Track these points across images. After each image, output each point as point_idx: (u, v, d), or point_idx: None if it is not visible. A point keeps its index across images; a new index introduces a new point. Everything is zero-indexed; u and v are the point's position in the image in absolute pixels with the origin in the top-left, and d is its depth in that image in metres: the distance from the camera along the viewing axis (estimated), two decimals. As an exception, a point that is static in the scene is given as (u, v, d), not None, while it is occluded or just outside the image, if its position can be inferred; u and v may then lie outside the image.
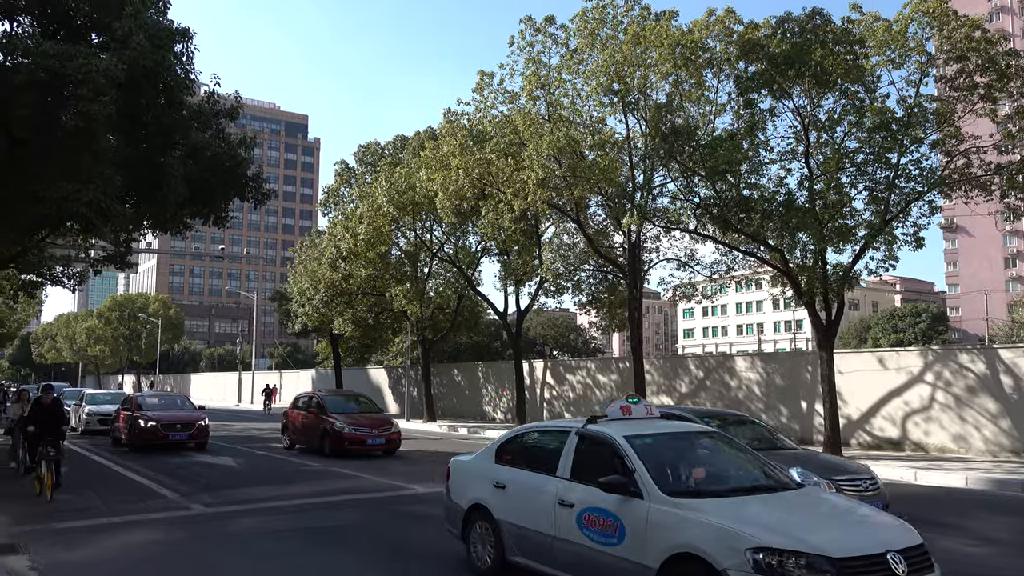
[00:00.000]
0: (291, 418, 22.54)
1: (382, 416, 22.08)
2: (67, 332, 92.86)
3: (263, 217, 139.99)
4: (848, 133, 19.56)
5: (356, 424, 20.11)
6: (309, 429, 21.06)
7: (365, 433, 19.90)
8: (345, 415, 20.55)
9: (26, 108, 11.93)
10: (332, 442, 19.71)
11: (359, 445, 19.71)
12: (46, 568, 8.36)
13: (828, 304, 19.98)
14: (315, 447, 20.60)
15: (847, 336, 78.32)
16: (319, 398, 21.93)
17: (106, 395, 32.32)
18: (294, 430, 22.18)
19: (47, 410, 13.78)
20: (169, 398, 25.06)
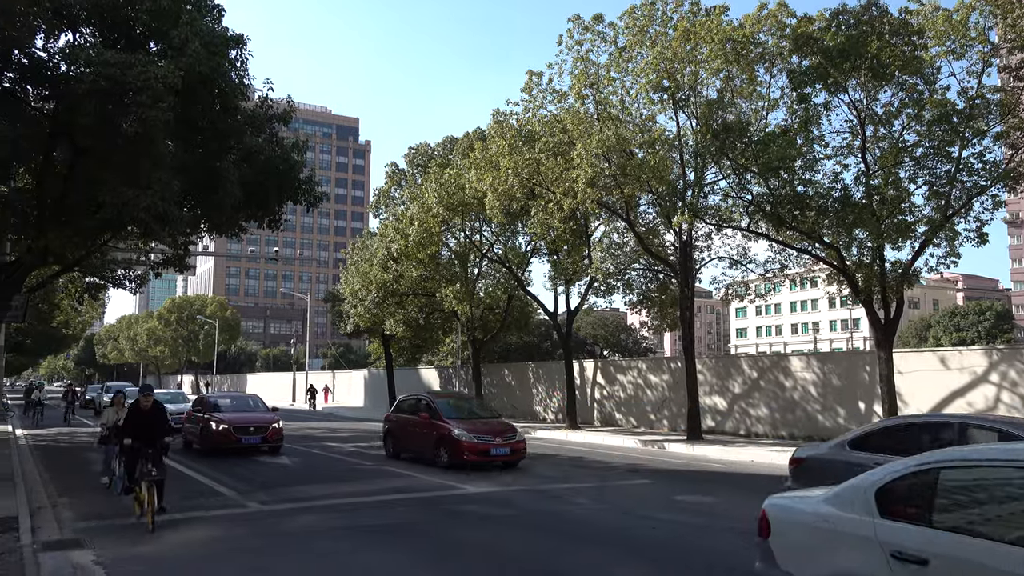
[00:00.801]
0: (394, 424, 20.01)
1: (503, 422, 19.07)
2: (129, 333, 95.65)
3: (316, 219, 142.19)
4: (907, 126, 19.05)
5: (476, 431, 17.30)
6: (418, 437, 18.53)
7: (488, 442, 17.08)
8: (461, 420, 17.85)
9: (89, 116, 12.30)
10: (450, 452, 17.04)
11: (481, 456, 16.92)
12: (110, 563, 8.60)
13: (887, 302, 19.49)
14: (426, 457, 17.93)
15: (907, 335, 76.33)
16: (428, 400, 19.21)
17: (166, 394, 32.98)
18: (398, 437, 19.67)
19: (147, 418, 11.30)
20: (241, 399, 23.62)
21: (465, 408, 19.45)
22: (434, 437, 17.63)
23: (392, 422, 20.21)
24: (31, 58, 13.08)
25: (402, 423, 19.57)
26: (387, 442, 20.25)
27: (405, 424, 19.38)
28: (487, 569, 8.59)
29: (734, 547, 9.51)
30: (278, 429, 20.88)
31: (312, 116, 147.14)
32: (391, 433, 20.05)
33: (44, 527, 10.35)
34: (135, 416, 11.38)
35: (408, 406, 19.92)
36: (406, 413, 19.68)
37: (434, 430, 17.72)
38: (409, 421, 19.21)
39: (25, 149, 13.70)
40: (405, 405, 20.21)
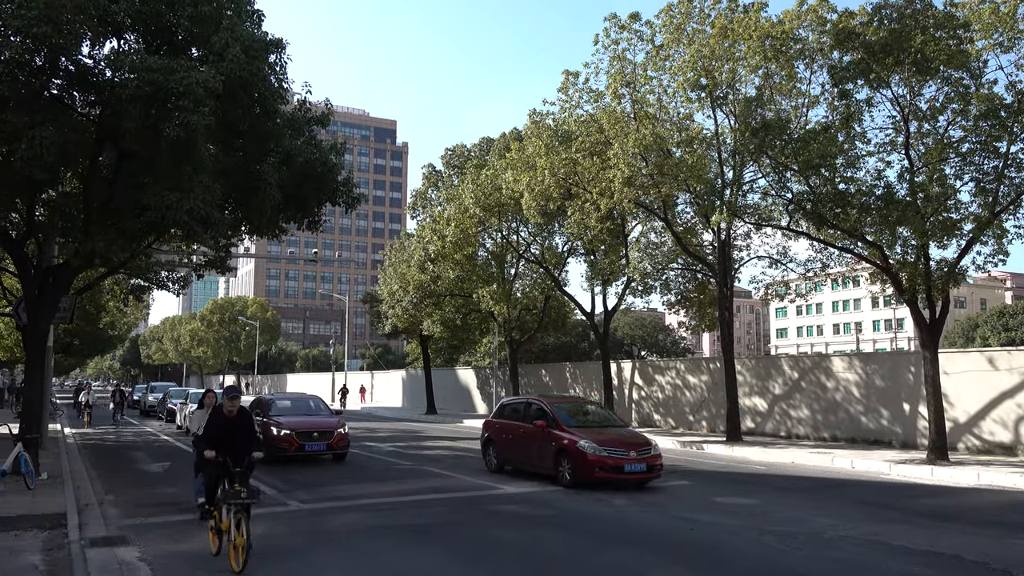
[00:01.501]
0: (498, 432, 17.23)
1: (633, 432, 16.56)
2: (172, 334, 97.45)
3: (354, 221, 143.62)
4: (952, 122, 18.63)
5: (606, 443, 14.59)
6: (531, 448, 15.87)
7: (620, 456, 14.35)
8: (584, 429, 15.28)
9: (133, 121, 12.52)
10: (574, 468, 14.44)
11: (613, 473, 14.22)
12: (154, 559, 8.76)
13: (932, 302, 19.07)
14: (544, 471, 15.38)
15: (953, 335, 74.62)
16: (541, 405, 16.30)
17: None
18: (504, 447, 16.94)
19: (232, 426, 9.30)
20: (301, 400, 21.55)
21: (587, 415, 16.66)
22: (552, 449, 15.00)
23: (494, 429, 17.39)
24: (77, 65, 13.36)
25: (508, 431, 16.84)
26: (488, 452, 17.50)
27: (512, 432, 16.63)
28: (525, 569, 8.57)
29: (775, 551, 9.39)
30: (344, 435, 19.02)
31: (350, 119, 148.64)
32: (493, 442, 17.28)
33: (91, 524, 10.58)
34: (218, 423, 9.32)
35: (516, 411, 17.13)
36: (513, 419, 16.94)
37: (552, 440, 15.07)
38: (518, 429, 16.42)
39: (72, 154, 14.00)
40: (511, 410, 17.45)
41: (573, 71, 24.94)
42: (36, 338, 16.50)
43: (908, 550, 9.36)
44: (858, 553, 9.23)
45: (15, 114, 12.19)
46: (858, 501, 13.49)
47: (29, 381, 17.54)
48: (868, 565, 8.69)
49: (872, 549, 9.37)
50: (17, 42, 11.64)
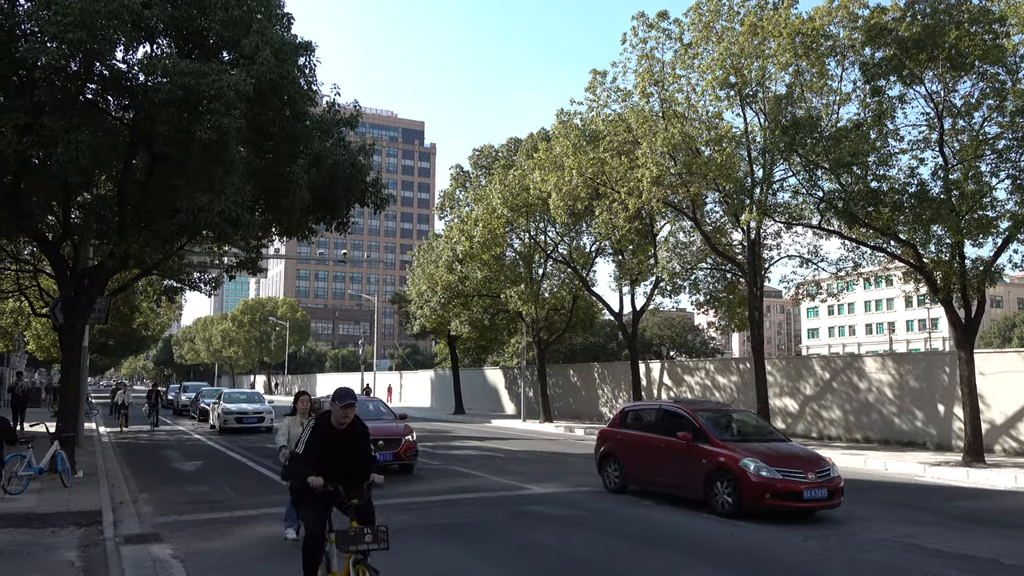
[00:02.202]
0: (622, 445, 14.18)
1: (805, 449, 13.34)
2: (204, 334, 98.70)
3: (382, 222, 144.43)
4: (988, 118, 18.29)
5: (777, 462, 11.62)
6: (670, 466, 12.87)
7: (797, 479, 11.37)
8: (742, 444, 12.34)
9: (166, 125, 12.71)
10: (736, 492, 11.48)
11: (790, 501, 11.28)
12: (186, 556, 8.88)
13: (967, 301, 18.74)
14: (688, 494, 12.57)
15: (989, 335, 73.33)
16: (682, 413, 13.10)
17: (241, 394, 33.67)
18: (632, 463, 13.87)
19: (345, 444, 6.67)
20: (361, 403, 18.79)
21: (740, 425, 13.59)
22: (703, 468, 12.11)
23: (615, 441, 14.41)
24: (112, 70, 13.57)
25: (636, 443, 13.87)
26: (607, 468, 14.45)
27: (643, 446, 13.67)
28: (554, 570, 8.56)
29: (809, 554, 9.29)
30: (412, 443, 16.75)
31: (378, 120, 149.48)
32: (615, 457, 14.22)
33: (125, 521, 10.76)
34: (325, 439, 6.58)
35: (643, 419, 14.29)
36: (640, 429, 14.06)
37: (702, 457, 12.19)
38: (650, 442, 13.45)
39: (107, 157, 14.24)
40: (634, 417, 14.61)
41: (601, 70, 24.90)
42: (72, 338, 16.80)
43: (943, 553, 9.21)
44: (892, 556, 9.10)
45: (52, 119, 12.42)
46: (892, 503, 13.31)
47: (65, 381, 17.86)
48: (902, 568, 8.56)
49: (906, 552, 9.23)
50: (53, 48, 11.86)
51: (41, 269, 23.43)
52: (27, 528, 10.16)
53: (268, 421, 29.40)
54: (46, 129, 12.34)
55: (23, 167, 14.23)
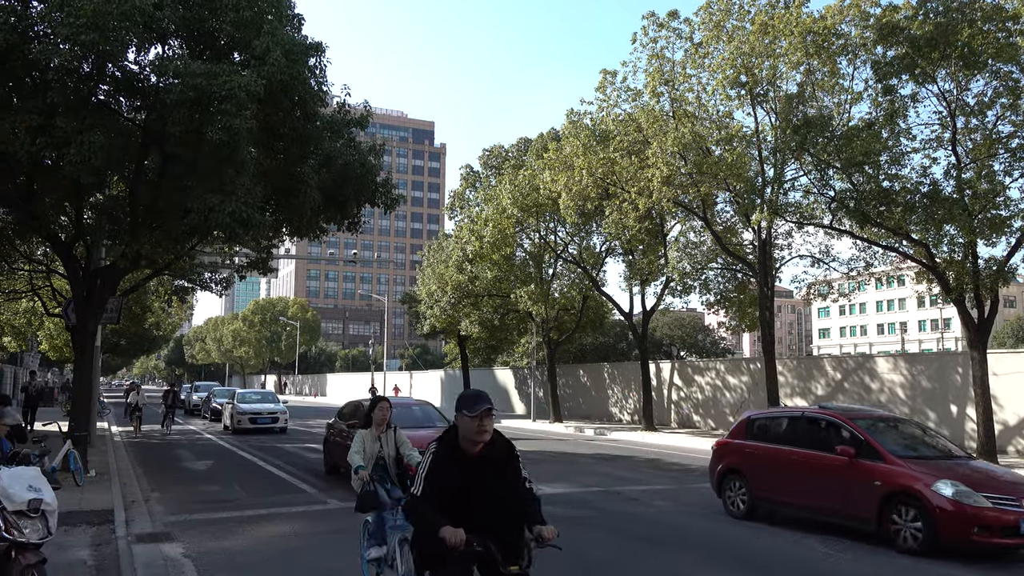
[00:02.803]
0: (751, 460, 11.75)
1: (1000, 468, 11.42)
2: (215, 334, 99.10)
3: (392, 222, 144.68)
4: (1001, 117, 18.17)
5: (980, 485, 9.26)
6: (827, 486, 10.34)
7: (1012, 508, 8.94)
8: (922, 462, 9.92)
9: (177, 126, 12.77)
10: (940, 526, 9.02)
11: (1002, 537, 8.89)
12: (197, 555, 8.91)
13: (980, 301, 18.62)
14: (853, 523, 10.08)
15: (1002, 335, 72.86)
16: (841, 421, 10.62)
17: (255, 394, 33.37)
18: (766, 483, 11.36)
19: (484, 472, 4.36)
20: (406, 408, 15.60)
21: (908, 437, 10.99)
22: (876, 492, 9.68)
23: (742, 455, 11.94)
24: (124, 71, 13.64)
25: (772, 459, 11.39)
26: (729, 488, 11.99)
27: (782, 462, 11.19)
28: (564, 570, 8.54)
29: (817, 554, 9.25)
30: None
31: (389, 120, 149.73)
32: (741, 474, 11.81)
33: (137, 520, 10.80)
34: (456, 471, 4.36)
35: (782, 430, 11.70)
36: (777, 441, 11.53)
37: (874, 478, 9.74)
38: (793, 458, 11.03)
39: (119, 158, 14.30)
40: (769, 427, 12.01)
41: (611, 70, 24.89)
42: (85, 338, 16.89)
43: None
44: (902, 557, 9.05)
45: (64, 120, 12.49)
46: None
47: (78, 380, 17.96)
48: (913, 569, 8.51)
49: (917, 553, 9.16)
50: (66, 49, 11.92)
51: (54, 269, 23.57)
52: (40, 527, 10.20)
53: (282, 422, 29.12)
54: (59, 130, 12.42)
55: (36, 168, 14.32)
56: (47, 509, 6.17)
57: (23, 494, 6.05)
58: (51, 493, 6.28)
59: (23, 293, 29.42)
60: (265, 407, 29.75)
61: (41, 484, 6.29)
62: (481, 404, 4.24)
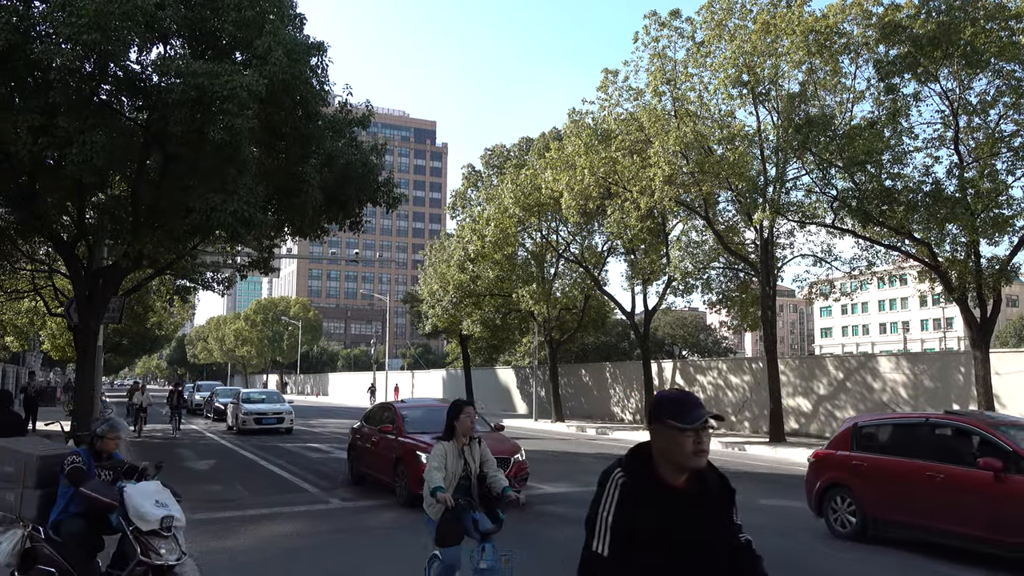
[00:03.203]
0: (860, 473, 10.01)
1: None
2: (217, 334, 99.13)
3: (394, 221, 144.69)
4: (1004, 116, 18.16)
5: None
6: (964, 505, 8.70)
7: None
8: None
9: (179, 125, 12.79)
10: None
11: None
12: (199, 555, 8.89)
13: (983, 300, 18.60)
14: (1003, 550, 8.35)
15: (1005, 335, 72.79)
16: (978, 428, 9.10)
17: (260, 393, 33.07)
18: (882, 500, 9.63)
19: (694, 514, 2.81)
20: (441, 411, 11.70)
21: None
22: None
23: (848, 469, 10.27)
24: (126, 71, 13.66)
25: (888, 473, 9.71)
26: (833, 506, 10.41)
27: (902, 476, 9.50)
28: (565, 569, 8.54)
29: (821, 554, 9.24)
30: (523, 463, 12.68)
31: (390, 120, 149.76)
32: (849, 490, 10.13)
33: (140, 520, 10.78)
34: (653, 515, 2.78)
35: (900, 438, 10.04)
36: (893, 452, 9.87)
37: None
38: (916, 471, 9.25)
39: (121, 158, 14.33)
40: (882, 435, 10.38)
41: (612, 69, 24.88)
42: (87, 338, 16.92)
43: (957, 551, 9.13)
44: (905, 556, 9.03)
45: (66, 119, 12.51)
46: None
47: (80, 380, 17.99)
48: (916, 568, 8.49)
49: (919, 552, 9.15)
50: (68, 49, 11.94)
51: (56, 269, 23.59)
52: (42, 526, 10.21)
53: (288, 422, 28.79)
54: (61, 130, 12.44)
55: (38, 167, 14.35)
56: (178, 525, 5.72)
57: (154, 511, 5.59)
58: (178, 507, 5.84)
59: (25, 293, 29.45)
60: (270, 407, 29.39)
61: (167, 499, 5.85)
62: (698, 412, 2.87)
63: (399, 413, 13.50)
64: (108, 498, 5.69)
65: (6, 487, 6.28)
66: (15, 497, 6.18)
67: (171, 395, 29.11)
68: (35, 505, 6.13)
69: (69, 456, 6.14)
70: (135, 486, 5.82)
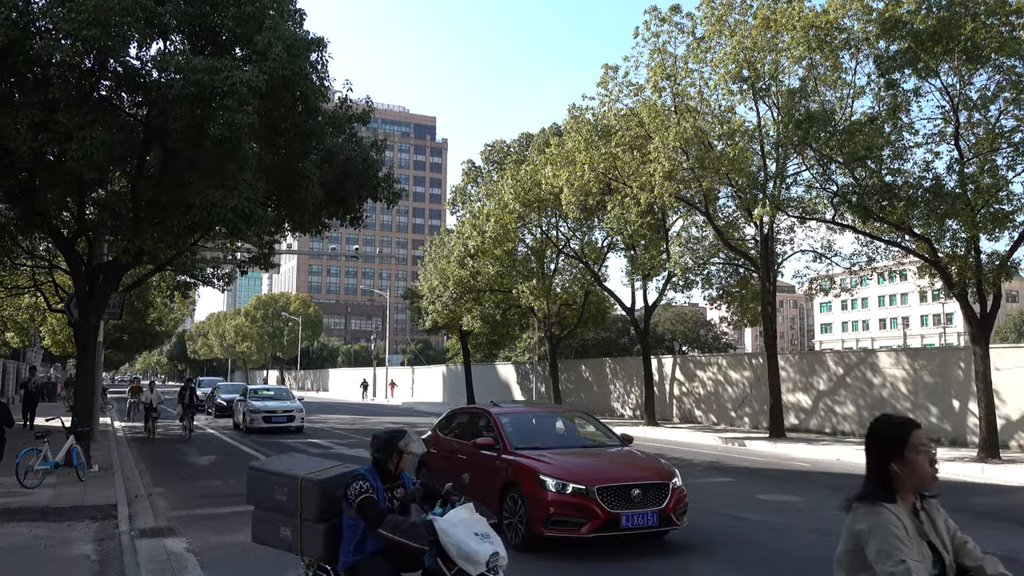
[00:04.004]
0: None
1: None
2: (217, 330, 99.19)
3: (394, 217, 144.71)
4: (1004, 111, 18.13)
5: None
6: None
7: None
8: None
9: (179, 121, 12.77)
10: None
11: None
12: (200, 550, 8.94)
13: (983, 296, 18.60)
14: None
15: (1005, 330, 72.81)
16: None
17: (268, 390, 31.52)
18: None
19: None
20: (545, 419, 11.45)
21: None
22: None
23: None
24: (125, 67, 13.63)
25: None
26: None
27: None
28: (570, 567, 8.56)
29: (820, 549, 9.24)
30: (682, 491, 9.32)
31: (390, 116, 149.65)
32: None
33: (140, 515, 10.83)
34: None
35: None
36: None
37: None
38: None
39: (121, 154, 14.31)
40: None
41: (612, 65, 24.86)
42: (87, 334, 16.92)
43: None
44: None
45: (66, 115, 12.49)
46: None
47: (80, 376, 18.00)
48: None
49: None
50: (68, 45, 11.92)
51: (56, 265, 23.59)
52: (43, 522, 10.25)
53: (299, 420, 27.28)
54: (61, 126, 12.42)
55: (38, 163, 14.34)
56: (503, 564, 4.63)
57: (479, 548, 4.53)
58: (499, 538, 4.77)
59: (25, 289, 29.47)
60: (280, 405, 28.00)
61: (485, 528, 4.77)
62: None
63: (499, 422, 10.34)
64: (417, 542, 4.67)
65: (279, 520, 5.39)
66: (292, 532, 5.29)
67: (183, 392, 25.98)
68: (320, 542, 5.17)
69: (354, 482, 5.02)
70: (447, 518, 4.70)
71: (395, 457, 5.19)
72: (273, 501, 5.43)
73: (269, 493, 5.47)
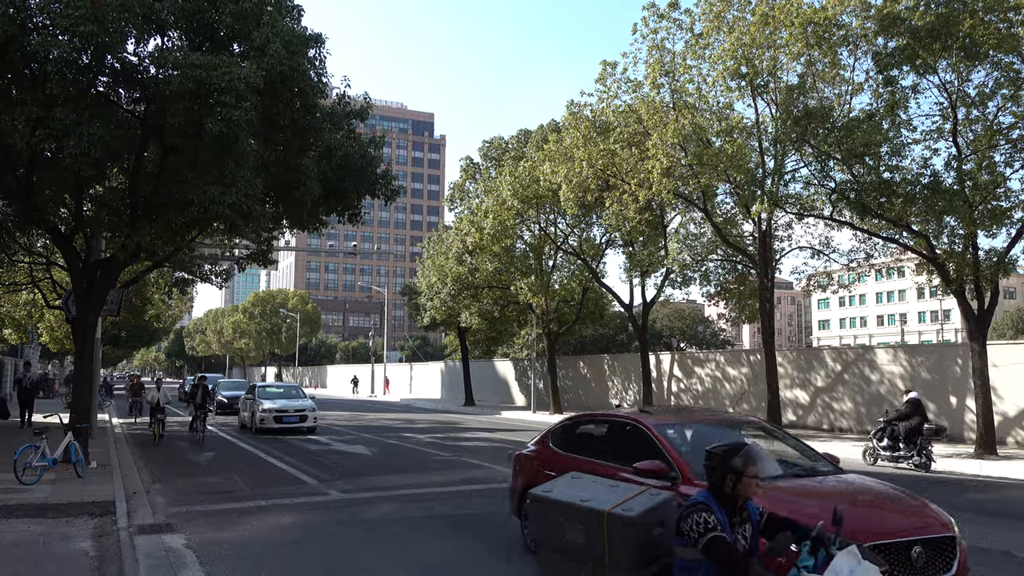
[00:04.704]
0: None
1: None
2: (215, 326, 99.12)
3: (392, 214, 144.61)
4: (1002, 108, 18.13)
5: None
6: None
7: None
8: None
9: (177, 117, 12.75)
10: None
11: None
12: (198, 546, 8.95)
13: (980, 292, 18.62)
14: None
15: (1002, 327, 72.91)
16: None
17: (278, 387, 29.83)
18: None
19: None
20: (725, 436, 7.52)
21: None
22: None
23: None
24: (123, 63, 13.60)
25: None
26: None
27: None
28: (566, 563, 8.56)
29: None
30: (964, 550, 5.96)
31: (388, 112, 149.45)
32: None
33: (139, 511, 10.84)
34: None
35: None
36: None
37: None
38: None
39: (118, 150, 14.27)
40: None
41: (611, 61, 24.78)
42: (85, 330, 16.89)
43: None
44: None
45: (63, 111, 12.47)
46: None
47: (78, 373, 17.97)
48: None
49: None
50: (65, 41, 11.89)
51: (54, 262, 23.56)
52: (42, 518, 10.25)
53: (311, 420, 25.81)
54: (58, 122, 12.39)
55: (36, 160, 14.30)
56: None
57: None
58: None
59: (23, 285, 29.44)
60: (292, 404, 26.29)
61: None
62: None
63: (665, 440, 7.15)
64: None
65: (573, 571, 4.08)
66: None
67: (194, 391, 23.93)
68: None
69: (694, 512, 3.82)
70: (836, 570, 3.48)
71: (729, 480, 3.99)
72: (562, 542, 4.14)
73: (557, 531, 4.20)
